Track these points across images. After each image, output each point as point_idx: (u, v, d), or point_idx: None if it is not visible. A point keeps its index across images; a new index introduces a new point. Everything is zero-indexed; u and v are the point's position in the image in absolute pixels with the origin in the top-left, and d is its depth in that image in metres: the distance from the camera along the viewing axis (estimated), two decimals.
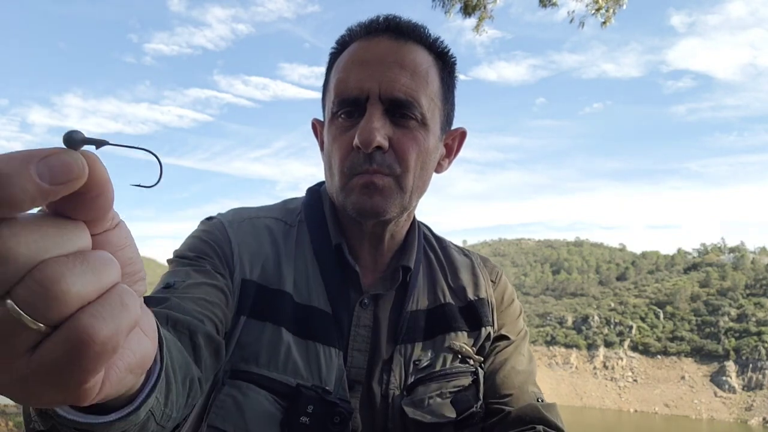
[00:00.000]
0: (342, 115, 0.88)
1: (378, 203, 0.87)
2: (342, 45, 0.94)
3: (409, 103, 0.86)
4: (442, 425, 0.90)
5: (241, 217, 0.96)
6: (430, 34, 0.93)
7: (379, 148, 0.84)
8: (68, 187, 0.28)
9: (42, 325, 0.27)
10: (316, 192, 1.03)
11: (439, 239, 1.11)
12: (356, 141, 0.84)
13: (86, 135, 0.30)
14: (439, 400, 0.92)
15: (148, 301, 0.74)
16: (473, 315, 1.00)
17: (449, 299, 1.00)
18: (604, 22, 7.02)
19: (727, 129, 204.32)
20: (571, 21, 7.07)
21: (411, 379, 0.92)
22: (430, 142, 0.90)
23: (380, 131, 0.84)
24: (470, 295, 1.02)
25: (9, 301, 0.27)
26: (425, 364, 0.94)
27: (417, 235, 1.02)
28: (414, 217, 1.03)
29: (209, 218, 0.96)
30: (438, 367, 0.94)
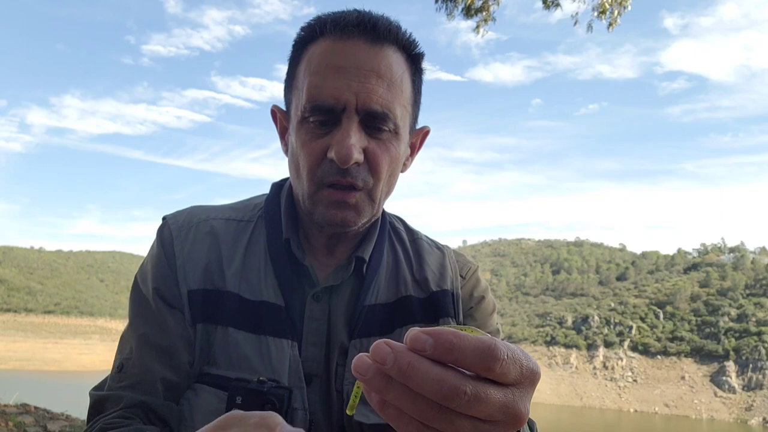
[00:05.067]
0: (314, 122, 0.86)
1: (349, 217, 0.88)
2: (310, 34, 0.89)
3: (385, 116, 0.85)
4: (386, 426, 0.87)
5: (190, 222, 0.97)
6: (403, 34, 0.90)
7: (354, 162, 0.84)
8: None
9: None
10: (279, 186, 1.03)
11: (411, 231, 1.09)
12: (332, 155, 0.83)
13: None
14: None
15: (106, 398, 0.87)
16: (434, 306, 0.98)
17: (411, 291, 0.99)
18: (611, 24, 6.95)
19: (723, 130, 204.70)
20: (575, 24, 7.00)
21: None
22: (400, 150, 0.91)
23: (357, 147, 0.83)
24: (433, 287, 0.99)
25: None
26: None
27: (379, 228, 1.00)
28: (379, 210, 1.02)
29: (163, 222, 0.99)
30: None
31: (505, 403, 0.44)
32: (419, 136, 1.01)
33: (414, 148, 1.02)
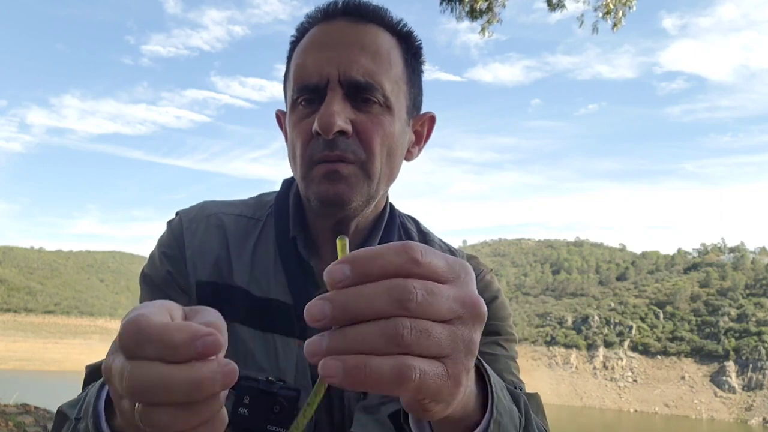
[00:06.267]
0: (302, 102, 0.85)
1: (342, 191, 0.83)
2: (301, 33, 0.91)
3: (370, 86, 0.82)
4: None
5: (201, 215, 0.97)
6: (392, 16, 0.90)
7: (342, 133, 0.81)
8: None
9: None
10: (289, 183, 1.02)
11: (424, 234, 1.06)
12: (315, 126, 0.81)
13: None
14: (393, 405, 0.85)
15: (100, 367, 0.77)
16: None
17: None
18: (615, 25, 6.98)
19: (722, 130, 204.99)
20: (581, 25, 7.00)
21: None
22: (395, 127, 0.86)
23: (341, 115, 0.81)
24: None
25: None
26: None
27: (385, 227, 0.97)
28: (386, 209, 0.99)
29: (176, 214, 1.00)
30: None
31: (457, 292, 0.43)
32: (424, 123, 0.97)
33: (421, 137, 0.98)
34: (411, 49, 0.92)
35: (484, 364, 0.59)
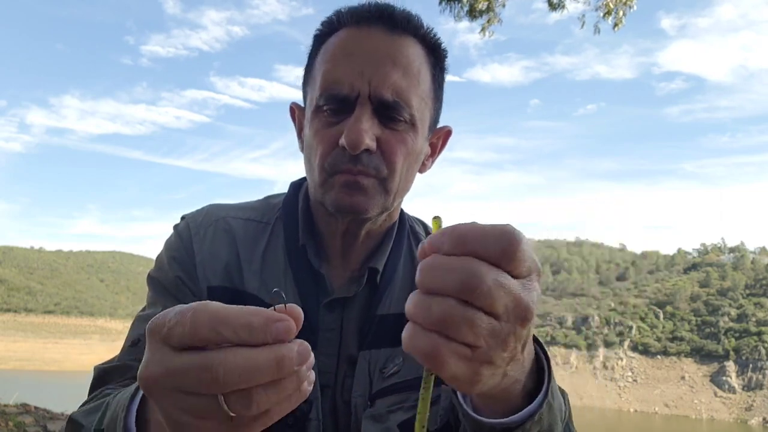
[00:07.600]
0: (327, 110, 0.84)
1: (359, 202, 0.84)
2: (329, 28, 0.89)
3: (400, 105, 0.83)
4: None
5: (209, 219, 0.96)
6: (424, 26, 0.90)
7: (366, 150, 0.82)
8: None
9: (233, 414, 0.44)
10: (297, 186, 1.01)
11: None
12: (343, 141, 0.81)
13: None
14: (401, 413, 0.87)
15: (114, 369, 0.84)
16: None
17: None
18: (616, 25, 6.99)
19: (721, 130, 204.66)
20: (582, 25, 7.00)
21: (374, 389, 0.89)
22: (418, 144, 0.88)
23: (369, 133, 0.81)
24: None
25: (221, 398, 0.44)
26: (392, 371, 0.89)
27: (395, 235, 0.98)
28: (399, 216, 1.00)
29: (181, 219, 0.99)
30: (404, 377, 0.89)
31: (519, 292, 0.45)
32: (440, 137, 0.99)
33: (435, 149, 0.99)
34: (439, 62, 0.92)
35: (545, 349, 0.61)
